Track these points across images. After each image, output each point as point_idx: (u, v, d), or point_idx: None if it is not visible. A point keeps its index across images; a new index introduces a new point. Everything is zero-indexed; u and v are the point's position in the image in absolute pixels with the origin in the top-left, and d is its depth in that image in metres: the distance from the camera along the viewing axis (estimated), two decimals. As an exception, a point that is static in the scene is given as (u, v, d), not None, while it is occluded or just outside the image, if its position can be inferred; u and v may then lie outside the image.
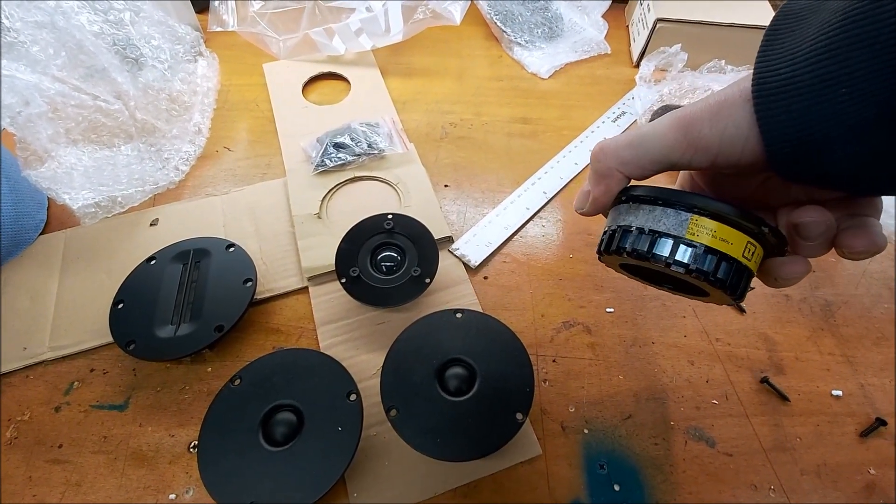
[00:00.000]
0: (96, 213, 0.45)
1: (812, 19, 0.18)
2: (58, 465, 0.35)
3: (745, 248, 0.22)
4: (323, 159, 0.50)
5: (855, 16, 0.16)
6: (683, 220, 0.22)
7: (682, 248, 0.21)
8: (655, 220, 0.22)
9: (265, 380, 0.34)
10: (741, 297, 0.22)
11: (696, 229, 0.21)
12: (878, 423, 0.38)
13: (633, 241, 0.23)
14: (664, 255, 0.22)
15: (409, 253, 0.42)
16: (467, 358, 0.35)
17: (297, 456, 0.31)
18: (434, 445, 0.32)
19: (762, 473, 0.36)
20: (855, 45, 0.16)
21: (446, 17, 0.59)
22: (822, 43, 0.17)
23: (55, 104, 0.44)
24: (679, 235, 0.21)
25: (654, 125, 0.22)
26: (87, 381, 0.39)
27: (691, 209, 0.22)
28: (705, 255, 0.21)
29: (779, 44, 0.19)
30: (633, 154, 0.22)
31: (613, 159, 0.23)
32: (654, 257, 0.22)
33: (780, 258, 0.23)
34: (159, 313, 0.39)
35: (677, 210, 0.22)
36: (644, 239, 0.22)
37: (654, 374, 0.40)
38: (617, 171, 0.23)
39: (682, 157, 0.21)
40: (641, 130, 0.22)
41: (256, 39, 0.60)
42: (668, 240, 0.22)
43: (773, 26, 0.19)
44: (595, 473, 0.35)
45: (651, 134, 0.22)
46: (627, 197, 0.24)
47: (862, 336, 0.43)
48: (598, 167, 0.24)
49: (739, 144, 0.19)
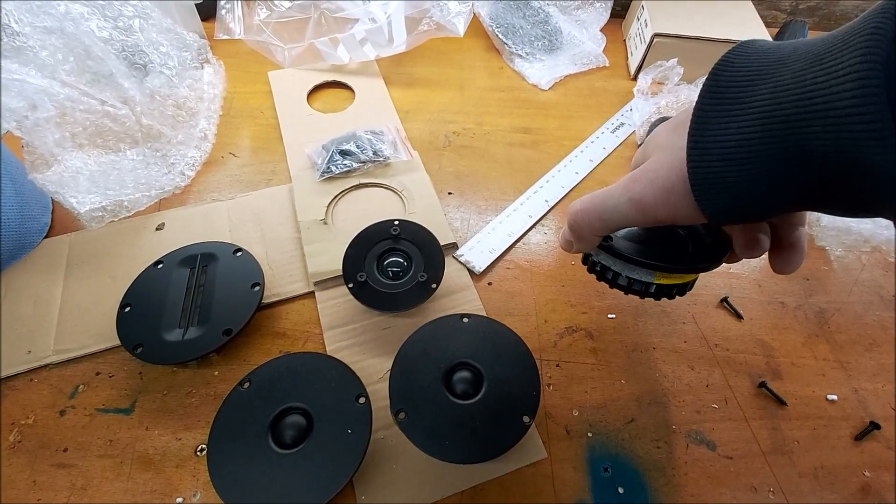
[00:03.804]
0: (102, 217, 0.45)
1: (735, 110, 0.20)
2: (63, 470, 0.35)
3: (692, 279, 0.32)
4: (329, 166, 0.51)
5: (773, 129, 0.19)
6: (650, 273, 0.30)
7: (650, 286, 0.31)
8: (630, 271, 0.31)
9: (274, 383, 0.35)
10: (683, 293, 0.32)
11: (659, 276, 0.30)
12: (872, 427, 0.39)
13: (613, 278, 0.32)
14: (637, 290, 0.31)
15: (415, 259, 0.42)
16: (474, 362, 0.36)
17: (307, 458, 0.31)
18: (442, 448, 0.32)
19: (761, 476, 0.36)
20: (772, 155, 0.19)
21: (450, 29, 0.60)
22: (744, 148, 0.20)
23: (63, 109, 0.45)
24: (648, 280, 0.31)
25: (617, 203, 0.26)
26: (92, 384, 0.39)
27: (655, 268, 0.30)
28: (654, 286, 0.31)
29: (709, 133, 0.21)
30: (604, 225, 0.28)
31: (587, 229, 0.28)
32: (630, 292, 0.32)
33: (775, 252, 0.28)
34: (167, 317, 0.39)
35: (647, 270, 0.30)
36: (623, 279, 0.31)
37: (656, 379, 0.41)
38: (592, 235, 0.29)
39: (645, 225, 0.28)
40: (607, 205, 0.27)
41: (262, 48, 0.61)
42: (640, 284, 0.31)
43: (702, 107, 0.21)
44: (599, 476, 0.36)
45: (615, 211, 0.26)
46: (609, 246, 0.30)
47: (855, 342, 0.44)
48: (578, 233, 0.29)
49: (691, 217, 0.24)
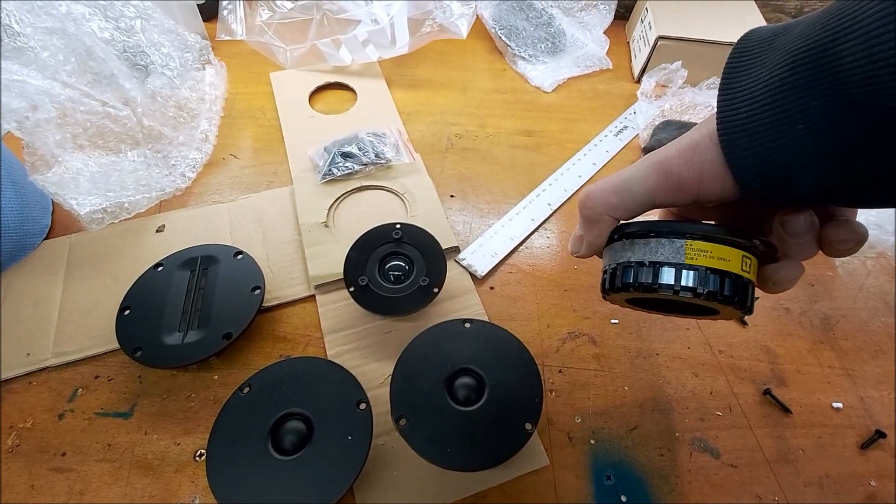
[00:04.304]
0: (102, 218, 0.45)
1: (765, 58, 0.19)
2: (61, 474, 0.35)
3: (742, 262, 0.23)
4: (330, 168, 0.50)
5: (803, 58, 0.17)
6: (679, 248, 0.23)
7: (685, 272, 0.22)
8: (652, 252, 0.23)
9: (274, 388, 0.34)
10: (750, 309, 0.23)
11: (692, 254, 0.22)
12: (878, 436, 0.38)
13: (635, 274, 0.23)
14: (670, 282, 0.22)
15: (417, 262, 0.42)
16: (476, 368, 0.35)
17: (307, 465, 0.31)
18: (443, 455, 0.32)
19: (766, 485, 0.36)
20: (804, 86, 0.17)
21: (453, 30, 0.60)
22: (776, 84, 0.18)
23: (64, 110, 0.44)
24: (679, 262, 0.22)
25: (635, 170, 0.23)
26: (91, 387, 0.38)
27: (683, 236, 0.23)
28: (708, 276, 0.22)
29: (737, 83, 0.20)
30: (619, 199, 0.24)
31: (602, 205, 0.24)
32: (660, 287, 0.23)
33: (773, 264, 0.24)
34: (167, 320, 0.38)
35: (671, 239, 0.23)
36: (646, 271, 0.23)
37: (659, 386, 0.40)
38: (606, 215, 0.24)
39: (666, 198, 0.22)
40: (624, 175, 0.24)
41: (264, 49, 0.61)
42: (670, 268, 0.23)
43: (730, 65, 0.20)
44: (602, 484, 0.35)
45: (633, 179, 0.23)
46: (620, 235, 0.25)
47: (860, 349, 0.43)
48: (587, 214, 0.25)
49: (718, 183, 0.21)
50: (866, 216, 0.46)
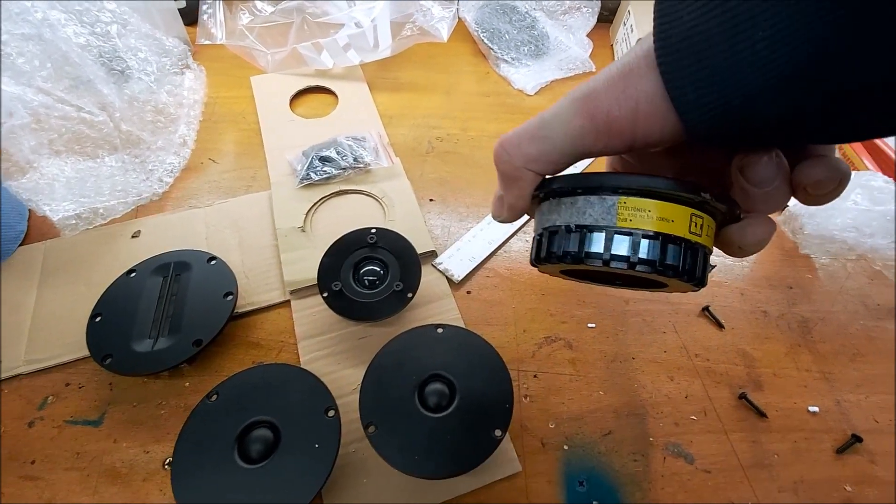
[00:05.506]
0: (77, 224, 0.45)
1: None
2: (30, 482, 0.34)
3: (691, 222, 0.18)
4: (308, 172, 0.50)
5: None
6: (610, 206, 0.18)
7: (618, 238, 0.18)
8: (580, 213, 0.19)
9: (242, 395, 0.34)
10: (701, 280, 0.19)
11: (627, 214, 0.18)
12: (854, 440, 0.38)
13: (560, 243, 0.19)
14: (598, 251, 0.18)
15: (391, 267, 0.42)
16: (447, 374, 0.35)
17: (273, 473, 0.31)
18: (412, 462, 0.31)
19: (740, 490, 0.36)
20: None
21: (433, 34, 0.60)
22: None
23: (38, 116, 0.44)
24: (609, 225, 0.18)
25: (557, 110, 0.18)
26: (62, 395, 0.38)
27: (616, 191, 0.18)
28: (646, 242, 0.18)
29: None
30: (539, 149, 0.19)
31: (519, 158, 0.20)
32: (588, 257, 0.19)
33: (736, 224, 0.20)
34: (137, 327, 0.38)
35: (601, 196, 0.19)
36: (573, 238, 0.19)
37: (635, 390, 0.40)
38: (525, 169, 0.20)
39: (595, 144, 0.18)
40: (544, 117, 0.19)
41: (244, 53, 0.60)
42: (599, 233, 0.18)
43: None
44: (574, 491, 0.35)
45: (554, 122, 0.18)
46: (546, 193, 0.21)
47: (838, 352, 0.43)
48: (503, 168, 0.21)
49: (657, 120, 0.16)
50: (843, 220, 0.46)
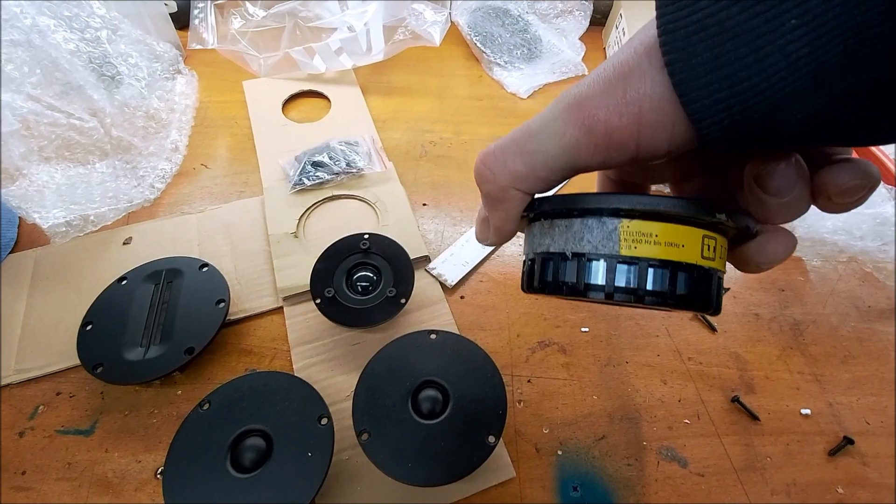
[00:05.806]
0: (67, 231, 0.44)
1: None
2: (20, 493, 0.34)
3: (703, 245, 0.16)
4: (301, 178, 0.50)
5: None
6: (611, 231, 0.16)
7: (621, 268, 0.16)
8: (576, 239, 0.17)
9: (234, 404, 0.34)
10: (717, 308, 0.18)
11: (630, 239, 0.16)
12: (846, 442, 0.38)
13: (555, 271, 0.18)
14: (600, 283, 0.17)
15: (384, 273, 0.42)
16: (440, 380, 0.35)
17: (265, 483, 0.31)
18: (405, 470, 0.31)
19: (733, 494, 0.36)
20: None
21: (426, 38, 0.60)
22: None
23: (27, 122, 0.44)
24: (611, 253, 0.16)
25: (546, 120, 0.16)
26: (52, 405, 0.38)
27: (617, 214, 0.16)
28: (653, 271, 0.16)
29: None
30: (528, 165, 0.17)
31: (504, 176, 0.17)
32: (588, 289, 0.17)
33: (753, 242, 0.18)
34: (129, 335, 0.38)
35: (600, 219, 0.17)
36: (569, 267, 0.17)
37: (628, 394, 0.40)
38: (512, 189, 0.18)
39: (593, 158, 0.16)
40: (532, 128, 0.17)
41: (237, 57, 0.60)
42: (599, 262, 0.17)
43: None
44: (568, 496, 0.35)
45: (543, 134, 0.16)
46: (536, 213, 0.19)
47: (830, 355, 0.43)
48: (487, 189, 0.18)
49: (666, 129, 0.14)
50: (833, 222, 0.46)
